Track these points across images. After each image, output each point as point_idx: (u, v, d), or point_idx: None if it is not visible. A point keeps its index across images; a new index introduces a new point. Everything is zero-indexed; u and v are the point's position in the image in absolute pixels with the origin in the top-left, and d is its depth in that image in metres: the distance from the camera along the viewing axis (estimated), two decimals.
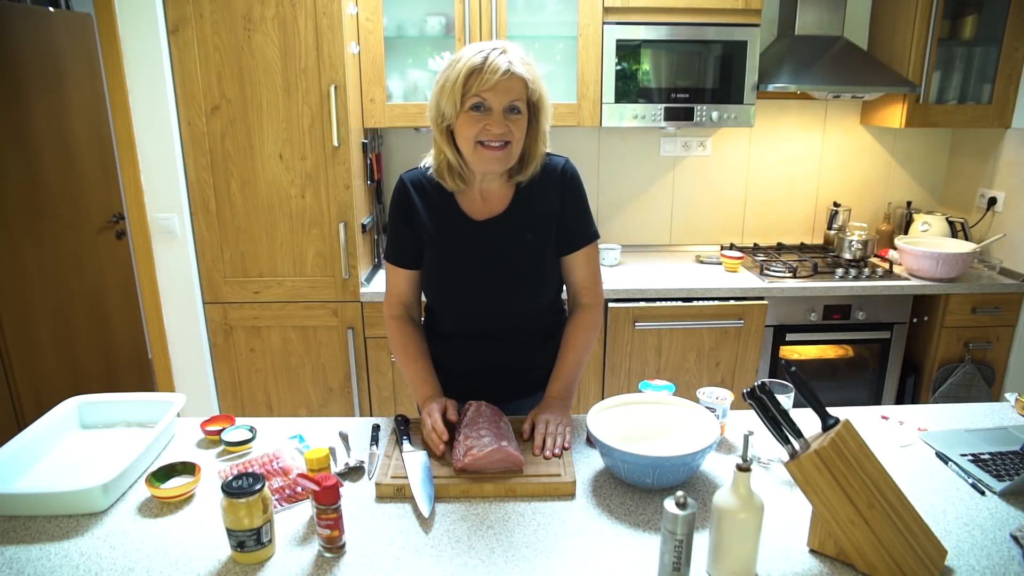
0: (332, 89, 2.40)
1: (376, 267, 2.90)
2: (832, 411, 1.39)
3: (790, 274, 2.81)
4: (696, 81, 2.73)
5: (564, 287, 1.64)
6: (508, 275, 1.52)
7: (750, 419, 1.61)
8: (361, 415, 2.77)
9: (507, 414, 1.62)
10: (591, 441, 1.49)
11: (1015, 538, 1.19)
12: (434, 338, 1.64)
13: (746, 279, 2.78)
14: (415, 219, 1.52)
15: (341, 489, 1.16)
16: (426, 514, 1.25)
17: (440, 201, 1.51)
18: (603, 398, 2.48)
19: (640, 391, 1.54)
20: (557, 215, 1.53)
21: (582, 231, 1.56)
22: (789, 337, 2.80)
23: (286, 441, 1.53)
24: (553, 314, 1.64)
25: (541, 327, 1.61)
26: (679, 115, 2.75)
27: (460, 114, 1.38)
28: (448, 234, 1.51)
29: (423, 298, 1.64)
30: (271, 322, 2.64)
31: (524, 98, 1.39)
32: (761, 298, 2.70)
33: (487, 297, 1.53)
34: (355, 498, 1.32)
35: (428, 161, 1.53)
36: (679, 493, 1.06)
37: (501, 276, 1.52)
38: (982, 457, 1.44)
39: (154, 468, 1.38)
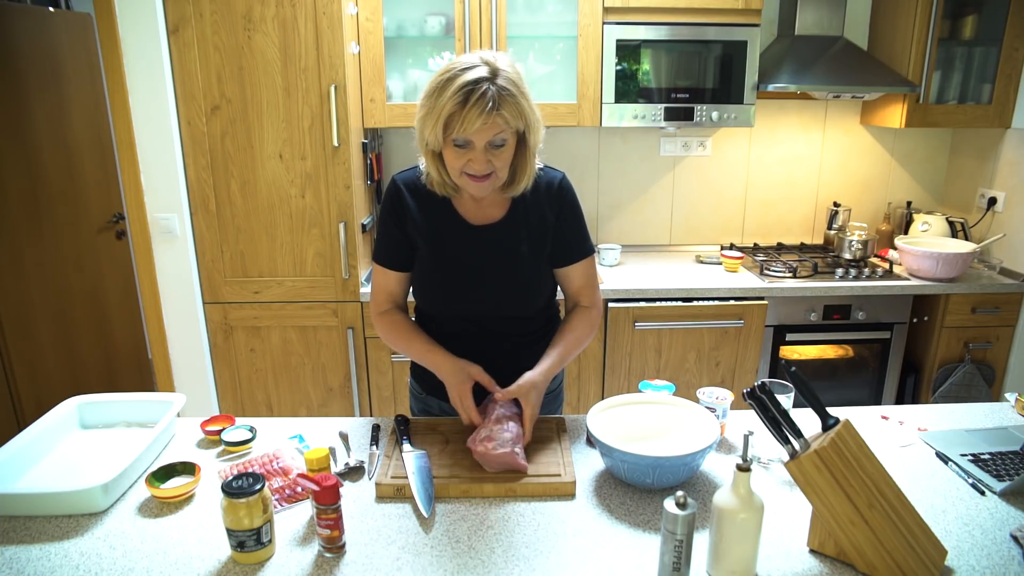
0: (332, 89, 2.40)
1: None
2: (832, 411, 1.39)
3: (790, 274, 2.81)
4: (696, 81, 2.73)
5: (557, 292, 1.64)
6: (501, 280, 1.51)
7: (750, 419, 1.61)
8: (361, 415, 2.77)
9: None
10: (591, 441, 1.49)
11: (1015, 538, 1.19)
12: None
13: (746, 279, 2.78)
14: (408, 221, 1.51)
15: (341, 489, 1.16)
16: (426, 515, 1.25)
17: (436, 203, 1.51)
18: (603, 398, 2.48)
19: (640, 391, 1.54)
20: (552, 227, 1.53)
21: (579, 245, 1.56)
22: (789, 337, 2.80)
23: (286, 441, 1.53)
24: (544, 319, 1.63)
25: (532, 330, 1.61)
26: (679, 115, 2.75)
27: (444, 145, 1.36)
28: (444, 236, 1.51)
29: (412, 300, 1.63)
30: (271, 322, 2.64)
31: (510, 128, 1.34)
32: (761, 298, 2.70)
33: (479, 301, 1.52)
34: (355, 498, 1.32)
35: (423, 163, 1.52)
36: (679, 493, 1.06)
37: (494, 281, 1.51)
38: (982, 457, 1.44)
39: (154, 468, 1.38)
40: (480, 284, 1.51)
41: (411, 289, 1.61)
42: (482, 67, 1.30)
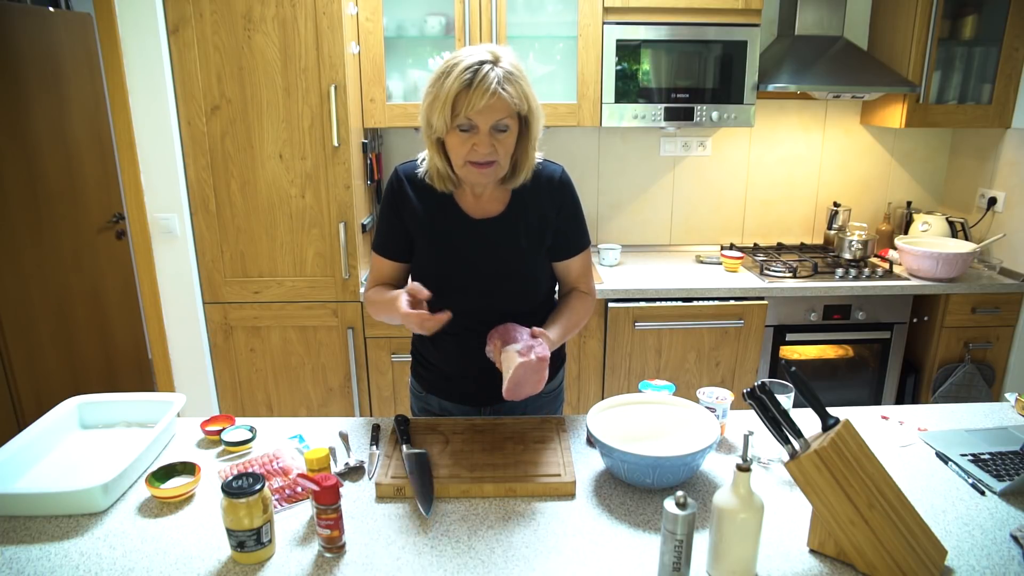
0: (332, 89, 2.40)
1: None
2: (832, 411, 1.39)
3: (790, 274, 2.81)
4: (696, 81, 2.73)
5: (555, 286, 1.65)
6: (501, 275, 1.52)
7: (750, 419, 1.61)
8: (361, 415, 2.77)
9: (499, 414, 1.62)
10: (591, 441, 1.49)
11: (1015, 538, 1.19)
12: (424, 337, 1.63)
13: (746, 279, 2.78)
14: (408, 211, 1.52)
15: (341, 489, 1.16)
16: (426, 515, 1.25)
17: (437, 196, 1.51)
18: (603, 398, 2.48)
19: (640, 391, 1.54)
20: (552, 221, 1.53)
21: (577, 239, 1.58)
22: (789, 337, 2.80)
23: (286, 441, 1.53)
24: (544, 313, 1.63)
25: (532, 325, 1.61)
26: (679, 115, 2.75)
27: (450, 131, 1.37)
28: (444, 229, 1.51)
29: None
30: (271, 322, 2.64)
31: (513, 114, 1.36)
32: (761, 298, 2.70)
33: (478, 295, 1.52)
34: (355, 498, 1.32)
35: (424, 156, 1.52)
36: (679, 493, 1.06)
37: (494, 275, 1.51)
38: (982, 457, 1.44)
39: (154, 468, 1.38)
40: (480, 278, 1.51)
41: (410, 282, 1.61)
42: (485, 53, 1.35)
